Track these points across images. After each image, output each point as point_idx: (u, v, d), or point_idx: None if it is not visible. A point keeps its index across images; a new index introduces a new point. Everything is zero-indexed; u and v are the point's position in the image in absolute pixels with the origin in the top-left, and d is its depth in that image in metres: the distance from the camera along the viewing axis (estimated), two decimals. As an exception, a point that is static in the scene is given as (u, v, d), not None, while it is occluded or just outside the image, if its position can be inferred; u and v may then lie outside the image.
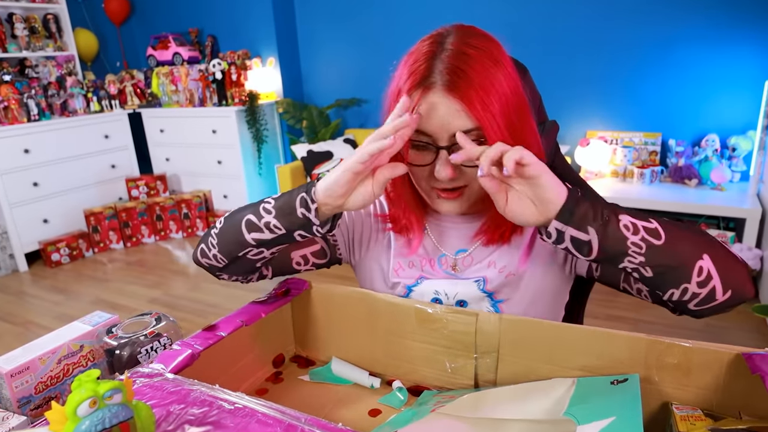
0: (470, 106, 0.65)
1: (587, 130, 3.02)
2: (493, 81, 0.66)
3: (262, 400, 0.52)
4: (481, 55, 0.67)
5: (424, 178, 0.72)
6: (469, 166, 0.69)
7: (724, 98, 2.67)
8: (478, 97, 0.65)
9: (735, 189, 2.61)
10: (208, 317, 2.58)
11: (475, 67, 0.66)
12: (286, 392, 0.76)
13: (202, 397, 0.53)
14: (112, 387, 0.45)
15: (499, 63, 0.68)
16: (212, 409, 0.51)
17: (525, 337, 0.67)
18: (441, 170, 0.68)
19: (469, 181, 0.70)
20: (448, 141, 0.67)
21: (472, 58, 0.66)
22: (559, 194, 0.59)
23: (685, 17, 2.65)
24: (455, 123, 0.66)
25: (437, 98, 0.66)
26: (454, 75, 0.65)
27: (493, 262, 0.78)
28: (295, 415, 0.50)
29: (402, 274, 0.81)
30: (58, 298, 2.94)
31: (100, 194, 3.72)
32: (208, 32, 3.97)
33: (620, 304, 2.38)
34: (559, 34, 2.94)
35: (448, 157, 0.67)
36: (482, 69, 0.66)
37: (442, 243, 0.81)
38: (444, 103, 0.66)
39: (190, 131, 3.77)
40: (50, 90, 3.51)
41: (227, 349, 0.71)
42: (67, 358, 0.72)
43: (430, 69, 0.67)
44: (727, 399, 0.59)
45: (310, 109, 3.68)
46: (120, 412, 0.45)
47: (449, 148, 0.67)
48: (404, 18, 3.34)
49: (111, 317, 0.79)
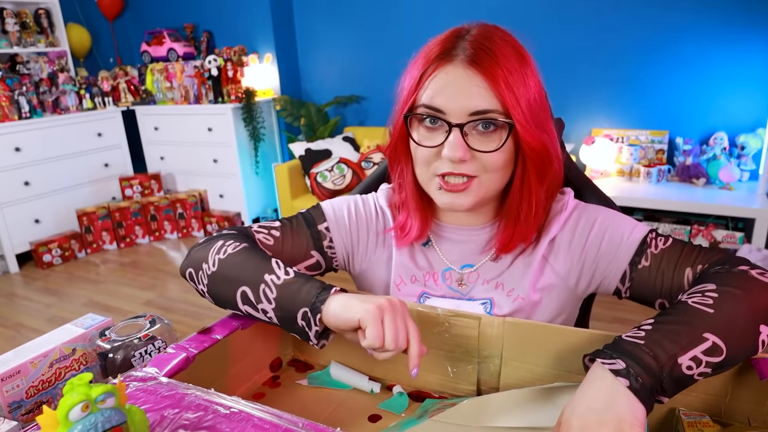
0: (493, 81, 0.62)
1: (592, 127, 3.02)
2: (518, 68, 0.64)
3: (259, 405, 0.52)
4: (507, 44, 0.65)
5: (428, 164, 0.69)
6: (480, 151, 0.66)
7: (733, 95, 2.67)
8: (503, 75, 0.62)
9: (744, 188, 2.61)
10: (203, 320, 2.58)
11: (501, 49, 0.64)
12: (284, 397, 0.76)
13: (197, 401, 0.53)
14: (105, 391, 0.45)
15: (523, 57, 0.66)
16: (207, 414, 0.51)
17: (529, 341, 0.67)
18: (450, 150, 0.65)
19: (479, 172, 0.67)
20: (463, 119, 0.64)
21: (497, 42, 0.65)
22: (637, 415, 0.49)
23: (693, 11, 2.65)
24: (474, 99, 0.63)
25: (458, 71, 0.64)
26: (479, 50, 0.63)
27: (501, 284, 0.76)
28: (293, 420, 0.50)
29: (403, 289, 0.79)
30: (49, 300, 2.93)
31: (92, 194, 3.72)
32: (203, 27, 3.97)
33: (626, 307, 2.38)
34: (564, 29, 2.94)
35: (460, 137, 0.65)
36: (508, 54, 0.64)
37: (447, 256, 0.79)
38: (465, 77, 0.63)
39: (185, 129, 3.77)
40: (42, 87, 3.51)
41: (223, 352, 0.71)
42: (59, 362, 0.72)
43: (454, 45, 0.65)
44: (735, 405, 0.59)
45: (308, 107, 3.68)
46: (113, 417, 0.45)
47: (463, 126, 0.64)
48: (405, 13, 3.34)
49: (104, 320, 0.79)
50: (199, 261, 0.72)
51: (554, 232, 0.74)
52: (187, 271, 0.74)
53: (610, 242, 0.72)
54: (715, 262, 0.65)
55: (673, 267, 0.67)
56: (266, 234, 0.78)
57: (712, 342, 0.53)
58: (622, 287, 0.71)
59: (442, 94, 0.65)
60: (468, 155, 0.66)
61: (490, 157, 0.66)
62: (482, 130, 0.66)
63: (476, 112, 0.64)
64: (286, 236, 0.79)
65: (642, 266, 0.69)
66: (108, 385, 0.46)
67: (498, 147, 0.66)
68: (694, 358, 0.52)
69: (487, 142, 0.66)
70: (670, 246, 0.68)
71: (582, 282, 0.75)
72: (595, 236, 0.73)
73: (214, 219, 3.73)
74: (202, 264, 0.71)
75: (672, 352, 0.52)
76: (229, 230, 0.76)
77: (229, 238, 0.73)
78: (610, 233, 0.72)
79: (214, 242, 0.73)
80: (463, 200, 0.69)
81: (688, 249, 0.68)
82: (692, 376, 0.52)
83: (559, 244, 0.75)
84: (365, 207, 0.84)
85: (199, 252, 0.73)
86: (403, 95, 0.70)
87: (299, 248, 0.80)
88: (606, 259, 0.72)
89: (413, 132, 0.70)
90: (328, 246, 0.82)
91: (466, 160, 0.66)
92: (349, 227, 0.82)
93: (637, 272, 0.69)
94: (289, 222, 0.81)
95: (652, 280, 0.68)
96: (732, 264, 0.63)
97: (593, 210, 0.75)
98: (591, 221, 0.74)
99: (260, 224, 0.80)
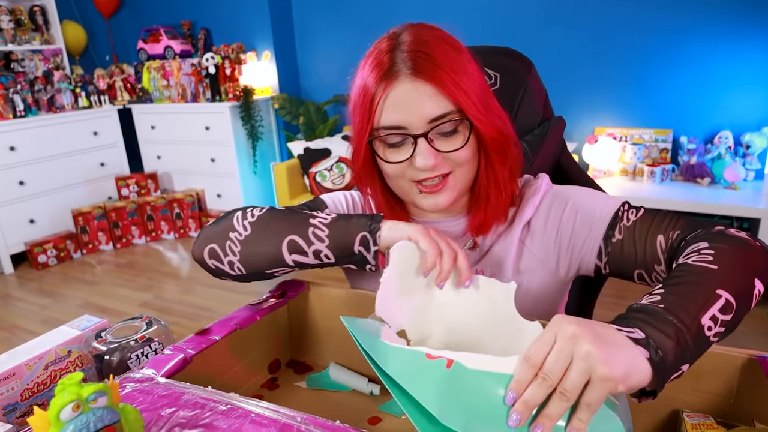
0: (442, 86, 0.65)
1: (595, 126, 3.02)
2: (458, 63, 0.67)
3: (257, 401, 0.53)
4: (439, 41, 0.68)
5: (402, 176, 0.72)
6: (448, 152, 0.69)
7: (738, 94, 2.67)
8: (448, 77, 0.65)
9: (749, 188, 2.61)
10: (200, 321, 2.58)
11: (437, 50, 0.66)
12: (282, 399, 0.76)
13: (194, 399, 0.53)
14: (97, 390, 0.45)
15: (458, 49, 0.69)
16: (204, 411, 0.51)
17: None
18: (422, 159, 0.68)
19: (453, 167, 0.71)
20: (424, 128, 0.67)
21: (431, 44, 0.67)
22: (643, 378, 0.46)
23: (697, 9, 2.65)
24: (429, 107, 0.66)
25: (405, 85, 0.66)
26: (418, 59, 0.66)
27: (481, 270, 0.78)
28: (291, 415, 0.50)
29: None
30: (45, 301, 2.94)
31: (88, 193, 3.72)
32: (201, 25, 3.97)
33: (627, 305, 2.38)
34: (566, 26, 2.94)
35: (427, 145, 0.67)
36: (445, 52, 0.67)
37: None
38: (413, 89, 0.66)
39: (182, 128, 3.77)
40: (37, 85, 3.51)
41: (221, 354, 0.71)
42: (54, 364, 0.72)
43: (393, 60, 0.67)
44: (740, 406, 0.59)
45: (307, 105, 3.68)
46: (105, 416, 0.45)
47: (427, 134, 0.67)
48: (405, 9, 3.34)
49: (100, 321, 0.79)
50: (222, 233, 0.72)
51: (528, 216, 0.77)
52: (207, 248, 0.73)
53: (582, 220, 0.74)
54: (690, 226, 0.66)
55: (645, 236, 0.69)
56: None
57: (725, 298, 0.52)
58: (600, 263, 0.73)
59: (397, 112, 0.67)
60: (438, 158, 0.69)
61: (459, 154, 0.69)
62: (445, 131, 0.69)
63: (435, 119, 0.67)
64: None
65: (616, 239, 0.70)
66: (99, 384, 0.45)
67: (464, 144, 0.69)
68: (713, 317, 0.51)
69: (452, 141, 0.69)
70: (641, 216, 0.70)
71: (562, 264, 0.77)
72: (569, 216, 0.75)
73: (211, 219, 3.73)
74: (228, 234, 0.71)
75: (693, 312, 0.50)
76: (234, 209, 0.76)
77: (244, 209, 0.74)
78: (582, 211, 0.74)
79: (231, 216, 0.74)
80: (444, 198, 0.72)
81: (659, 218, 0.70)
82: (710, 337, 0.51)
83: (534, 227, 0.77)
84: (360, 200, 0.87)
85: (218, 227, 0.73)
86: (358, 123, 0.72)
87: None
88: (581, 237, 0.74)
89: (379, 153, 0.72)
90: None
91: (439, 164, 0.69)
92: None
93: (612, 246, 0.71)
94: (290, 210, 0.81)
95: (627, 252, 0.70)
96: (708, 226, 0.65)
97: (566, 191, 0.78)
98: (564, 202, 0.76)
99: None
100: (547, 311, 0.79)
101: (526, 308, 0.75)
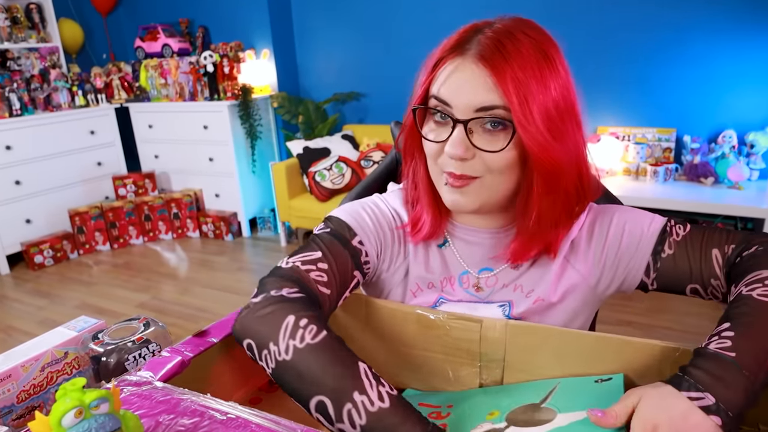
0: (500, 79, 0.61)
1: (598, 125, 3.02)
2: (536, 67, 0.63)
3: (256, 410, 0.52)
4: (531, 42, 0.64)
5: (436, 157, 0.69)
6: (483, 149, 0.65)
7: (742, 92, 2.67)
8: (511, 72, 0.61)
9: (753, 188, 2.61)
10: (198, 322, 2.58)
11: (519, 48, 0.63)
12: (281, 402, 0.76)
13: (193, 406, 0.53)
14: (99, 396, 0.45)
15: (549, 58, 0.64)
16: (203, 420, 0.51)
17: (533, 345, 0.67)
18: (451, 146, 0.65)
19: (483, 173, 0.66)
20: (467, 114, 0.64)
21: (515, 39, 0.63)
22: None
23: (700, 8, 2.65)
24: (479, 94, 0.63)
25: (466, 65, 0.64)
26: (491, 46, 0.63)
27: (519, 286, 0.76)
28: (291, 426, 0.50)
29: (420, 296, 0.79)
30: (41, 302, 2.94)
31: (85, 193, 3.72)
32: (199, 23, 3.97)
33: (632, 309, 2.38)
34: (567, 25, 2.94)
35: (463, 133, 0.64)
36: (525, 51, 0.63)
37: (465, 258, 0.78)
38: (471, 72, 0.63)
39: (180, 127, 3.77)
40: (33, 83, 3.51)
41: (219, 356, 0.71)
42: (50, 366, 0.72)
43: (469, 38, 0.65)
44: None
45: (306, 104, 3.68)
46: (107, 423, 0.45)
47: (467, 123, 0.64)
48: (405, 7, 3.34)
49: (97, 322, 0.79)
50: (264, 338, 0.61)
51: (573, 234, 0.75)
52: (245, 341, 0.63)
53: (630, 236, 0.73)
54: (746, 240, 0.67)
55: (699, 250, 0.68)
56: (316, 271, 0.69)
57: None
58: (647, 279, 0.72)
59: (448, 87, 0.65)
60: (470, 153, 0.65)
61: (494, 158, 0.65)
62: (489, 128, 0.65)
63: (481, 108, 0.63)
64: (332, 266, 0.71)
65: (666, 255, 0.70)
66: (102, 391, 0.46)
67: (503, 147, 0.64)
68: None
69: (493, 141, 0.65)
70: (690, 231, 0.70)
71: (603, 281, 0.75)
72: (615, 233, 0.74)
73: (209, 219, 3.74)
74: (268, 344, 0.60)
75: (762, 358, 0.51)
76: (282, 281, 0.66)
77: (298, 309, 0.62)
78: (629, 227, 0.73)
79: (282, 315, 0.61)
80: (466, 200, 0.69)
81: (709, 231, 0.70)
82: None
83: (578, 243, 0.75)
84: (381, 210, 0.80)
85: (264, 324, 0.62)
86: (418, 85, 0.71)
87: (344, 274, 0.73)
88: (628, 254, 0.73)
89: (424, 125, 0.70)
90: (364, 261, 0.76)
91: (468, 159, 0.65)
92: (375, 233, 0.78)
93: (662, 261, 0.70)
94: (325, 247, 0.73)
95: (680, 267, 0.69)
96: (764, 237, 0.65)
97: (608, 209, 0.77)
98: (608, 219, 0.75)
99: (301, 258, 0.70)
100: (581, 328, 0.78)
101: (561, 325, 0.75)
